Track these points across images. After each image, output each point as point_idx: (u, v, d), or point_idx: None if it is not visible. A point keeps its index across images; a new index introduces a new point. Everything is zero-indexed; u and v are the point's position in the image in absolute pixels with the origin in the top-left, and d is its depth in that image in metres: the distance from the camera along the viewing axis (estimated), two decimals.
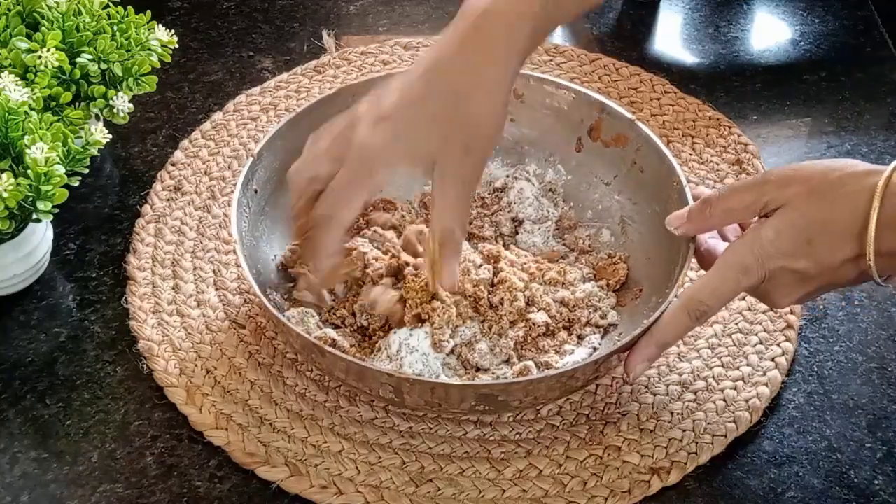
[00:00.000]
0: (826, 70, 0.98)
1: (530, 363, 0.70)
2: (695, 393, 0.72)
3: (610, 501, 0.66)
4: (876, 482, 0.67)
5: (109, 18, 0.80)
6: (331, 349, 0.64)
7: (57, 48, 0.75)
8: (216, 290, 0.78)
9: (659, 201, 0.76)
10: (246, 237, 0.72)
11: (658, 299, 0.70)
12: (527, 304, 0.72)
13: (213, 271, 0.79)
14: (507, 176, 0.83)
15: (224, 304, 0.77)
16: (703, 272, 0.70)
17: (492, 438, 0.69)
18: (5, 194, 0.67)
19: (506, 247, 0.78)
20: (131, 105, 0.80)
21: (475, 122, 0.65)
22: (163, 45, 0.82)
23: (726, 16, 1.04)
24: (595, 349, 0.72)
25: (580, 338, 0.73)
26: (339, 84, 0.93)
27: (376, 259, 0.74)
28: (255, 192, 0.75)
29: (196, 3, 1.04)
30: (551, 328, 0.72)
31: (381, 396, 0.67)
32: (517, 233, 0.81)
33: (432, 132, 0.65)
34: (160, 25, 0.82)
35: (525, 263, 0.75)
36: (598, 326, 0.74)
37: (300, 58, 0.98)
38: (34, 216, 0.70)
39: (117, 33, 0.79)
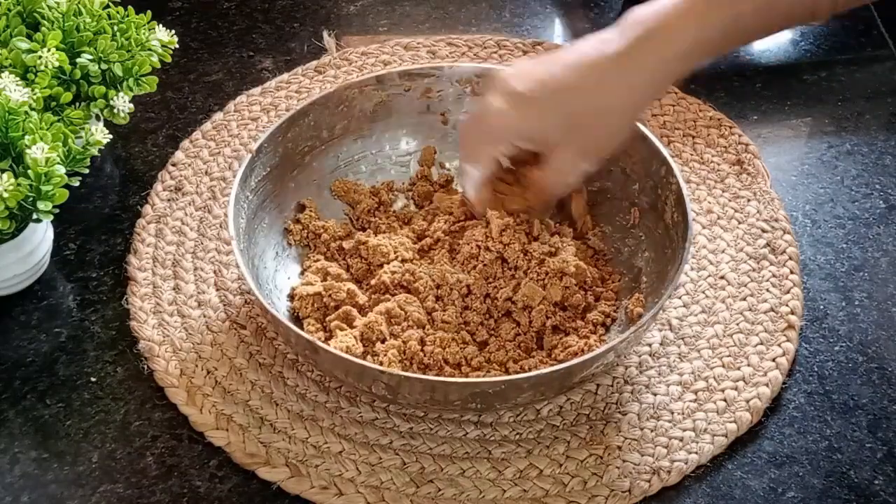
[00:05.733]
0: (826, 70, 0.98)
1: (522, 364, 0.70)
2: (695, 393, 0.72)
3: (610, 501, 0.66)
4: (876, 482, 0.67)
5: (110, 18, 0.80)
6: (326, 347, 0.64)
7: (57, 48, 0.75)
8: (217, 290, 0.78)
9: (658, 201, 0.76)
10: (244, 234, 0.73)
11: (654, 299, 0.70)
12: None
13: (214, 272, 0.79)
14: None
15: (225, 305, 0.77)
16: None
17: (492, 438, 0.69)
18: (5, 194, 0.67)
19: None
20: (132, 105, 0.80)
21: (604, 136, 0.70)
22: (163, 46, 0.82)
23: None
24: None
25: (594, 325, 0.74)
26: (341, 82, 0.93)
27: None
28: (254, 188, 0.75)
29: (196, 3, 1.04)
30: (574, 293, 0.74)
31: (375, 393, 0.67)
32: None
33: (566, 127, 0.69)
34: (160, 25, 0.82)
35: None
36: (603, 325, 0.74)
37: (300, 58, 0.98)
38: (34, 216, 0.70)
39: (118, 33, 0.79)
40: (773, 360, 0.73)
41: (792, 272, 0.79)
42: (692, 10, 0.65)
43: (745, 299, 0.77)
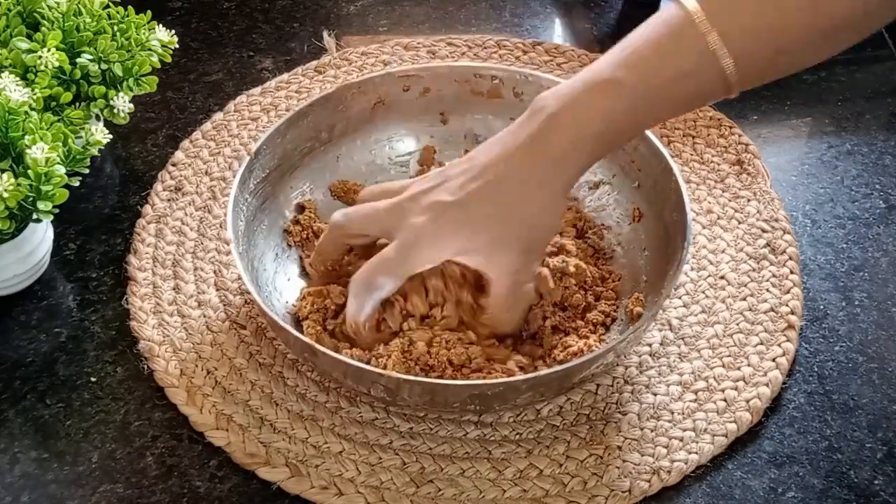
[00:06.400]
0: (826, 70, 0.98)
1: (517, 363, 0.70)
2: (695, 393, 0.72)
3: (610, 501, 0.66)
4: (876, 482, 0.67)
5: (110, 18, 0.80)
6: (324, 349, 0.64)
7: (57, 48, 0.75)
8: (217, 290, 0.78)
9: (657, 201, 0.76)
10: (243, 236, 0.73)
11: (654, 298, 0.70)
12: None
13: (214, 272, 0.79)
14: None
15: (225, 305, 0.77)
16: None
17: (492, 439, 0.69)
18: (5, 194, 0.67)
19: None
20: (132, 105, 0.80)
21: (533, 227, 0.67)
22: (163, 46, 0.82)
23: None
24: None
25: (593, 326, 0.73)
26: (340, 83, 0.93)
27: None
28: (252, 190, 0.75)
29: (196, 3, 1.04)
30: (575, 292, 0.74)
31: (374, 395, 0.67)
32: None
33: (490, 230, 0.66)
34: (160, 25, 0.82)
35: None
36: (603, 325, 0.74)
37: (300, 58, 0.98)
38: (34, 216, 0.70)
39: (118, 33, 0.79)
40: (773, 360, 0.73)
41: (792, 272, 0.79)
42: (596, 88, 0.63)
43: (745, 299, 0.77)
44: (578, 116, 0.64)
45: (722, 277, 0.79)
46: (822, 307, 0.78)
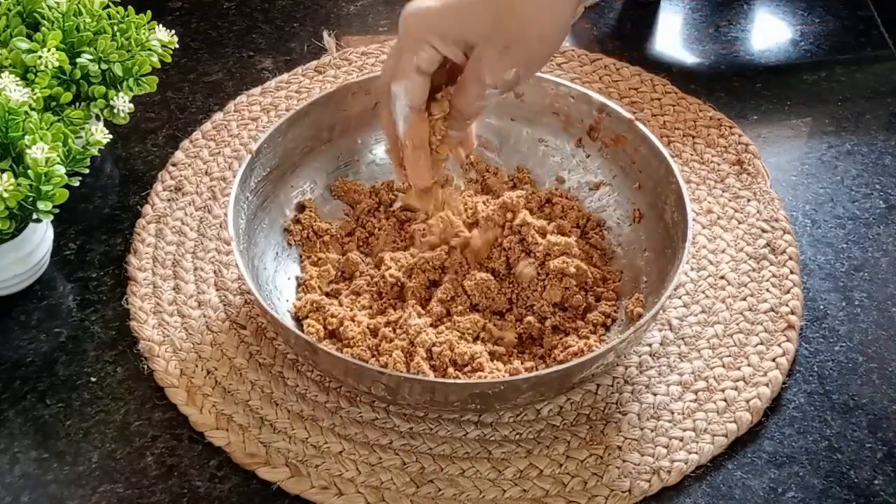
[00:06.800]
0: (826, 70, 0.98)
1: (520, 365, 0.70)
2: (695, 393, 0.72)
3: (610, 501, 0.66)
4: (876, 482, 0.67)
5: (110, 18, 0.80)
6: (324, 348, 0.64)
7: (57, 48, 0.75)
8: (217, 290, 0.78)
9: (658, 201, 0.76)
10: (244, 235, 0.73)
11: (654, 299, 0.70)
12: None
13: (214, 272, 0.79)
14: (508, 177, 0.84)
15: (225, 305, 0.77)
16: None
17: (492, 439, 0.69)
18: (5, 194, 0.67)
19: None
20: (132, 105, 0.80)
21: (535, 37, 0.63)
22: (163, 46, 0.82)
23: (726, 16, 1.04)
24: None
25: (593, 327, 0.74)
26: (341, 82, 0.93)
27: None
28: (253, 189, 0.75)
29: (196, 3, 1.04)
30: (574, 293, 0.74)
31: (375, 394, 0.67)
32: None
33: (492, 20, 0.62)
34: (160, 25, 0.82)
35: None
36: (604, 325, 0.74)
37: (300, 58, 0.98)
38: (34, 216, 0.70)
39: (118, 33, 0.79)
40: (773, 360, 0.73)
41: (792, 272, 0.79)
42: None
43: (745, 299, 0.77)
44: None
45: (722, 277, 0.79)
46: (822, 307, 0.78)
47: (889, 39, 1.00)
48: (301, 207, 0.81)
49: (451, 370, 0.69)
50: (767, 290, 0.78)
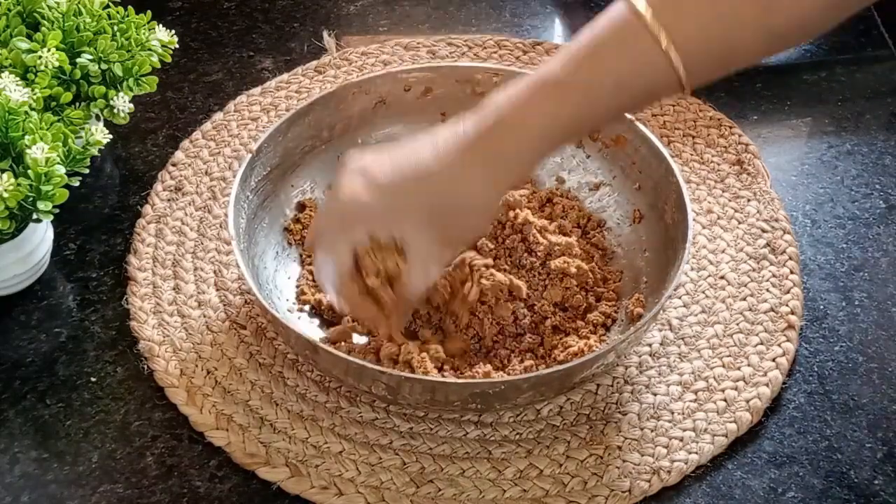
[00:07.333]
0: (826, 70, 0.98)
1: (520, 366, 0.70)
2: (695, 393, 0.72)
3: (610, 501, 0.66)
4: (876, 482, 0.67)
5: (110, 18, 0.80)
6: (325, 347, 0.65)
7: (57, 48, 0.75)
8: (217, 290, 0.78)
9: (658, 201, 0.76)
10: (244, 234, 0.73)
11: (654, 299, 0.70)
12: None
13: (214, 272, 0.79)
14: None
15: (225, 305, 0.77)
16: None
17: (492, 439, 0.69)
18: (6, 194, 0.67)
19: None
20: (132, 105, 0.80)
21: (467, 224, 0.67)
22: (163, 46, 0.82)
23: None
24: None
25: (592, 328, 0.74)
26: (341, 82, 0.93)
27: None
28: (254, 188, 0.75)
29: (196, 3, 1.04)
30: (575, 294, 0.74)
31: (375, 394, 0.67)
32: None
33: (428, 216, 0.65)
34: (160, 25, 0.82)
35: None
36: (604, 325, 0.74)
37: (300, 58, 0.98)
38: (34, 216, 0.70)
39: (118, 33, 0.79)
40: (773, 360, 0.73)
41: (792, 272, 0.79)
42: (543, 90, 0.62)
43: (745, 299, 0.77)
44: (525, 120, 0.63)
45: (722, 277, 0.79)
46: (822, 307, 0.78)
47: (889, 39, 1.00)
48: (301, 207, 0.81)
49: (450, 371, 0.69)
50: (767, 290, 0.78)
